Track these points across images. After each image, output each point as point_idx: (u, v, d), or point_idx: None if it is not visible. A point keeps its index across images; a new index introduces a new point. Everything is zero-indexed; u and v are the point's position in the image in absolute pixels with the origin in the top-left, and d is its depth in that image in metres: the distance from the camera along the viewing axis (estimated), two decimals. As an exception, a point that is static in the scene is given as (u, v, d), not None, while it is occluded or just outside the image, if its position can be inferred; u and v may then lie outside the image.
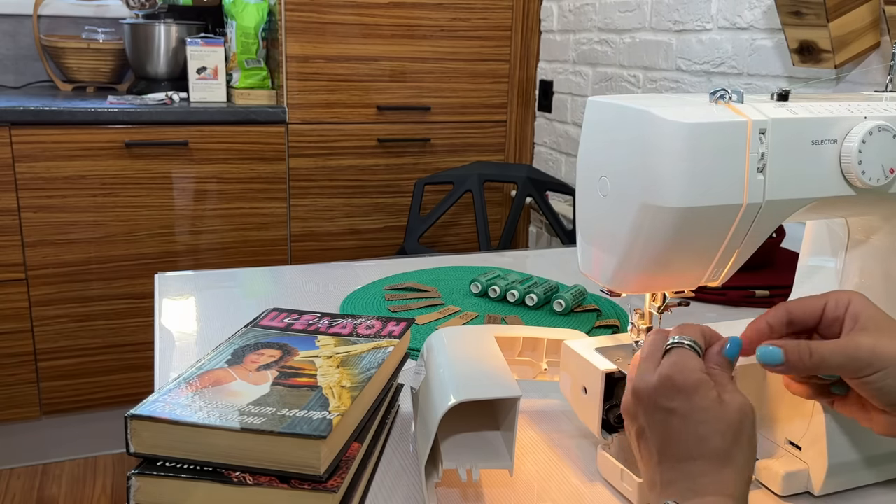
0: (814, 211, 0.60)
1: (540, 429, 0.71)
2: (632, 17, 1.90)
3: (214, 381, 0.58)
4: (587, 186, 0.61)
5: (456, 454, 0.59)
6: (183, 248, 2.07)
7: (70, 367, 2.04)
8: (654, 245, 0.56)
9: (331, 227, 2.22)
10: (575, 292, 0.99)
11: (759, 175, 0.56)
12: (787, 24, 1.27)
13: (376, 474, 0.63)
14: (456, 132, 2.31)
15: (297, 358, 0.63)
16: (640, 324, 0.65)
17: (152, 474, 0.52)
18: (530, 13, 2.31)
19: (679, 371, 0.50)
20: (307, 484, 0.51)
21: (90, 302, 2.02)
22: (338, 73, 2.14)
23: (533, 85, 2.38)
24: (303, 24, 2.07)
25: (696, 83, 1.69)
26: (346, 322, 0.72)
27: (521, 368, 0.75)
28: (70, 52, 2.27)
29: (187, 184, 2.03)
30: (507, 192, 2.41)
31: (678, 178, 0.54)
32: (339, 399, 0.56)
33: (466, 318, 0.96)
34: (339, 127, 2.17)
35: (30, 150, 1.88)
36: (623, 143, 0.57)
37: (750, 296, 1.06)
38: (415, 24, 2.18)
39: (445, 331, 0.68)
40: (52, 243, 1.95)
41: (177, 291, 1.04)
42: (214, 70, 2.13)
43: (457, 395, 0.55)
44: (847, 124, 0.58)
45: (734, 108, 0.56)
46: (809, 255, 0.71)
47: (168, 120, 1.97)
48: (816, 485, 0.61)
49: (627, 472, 0.60)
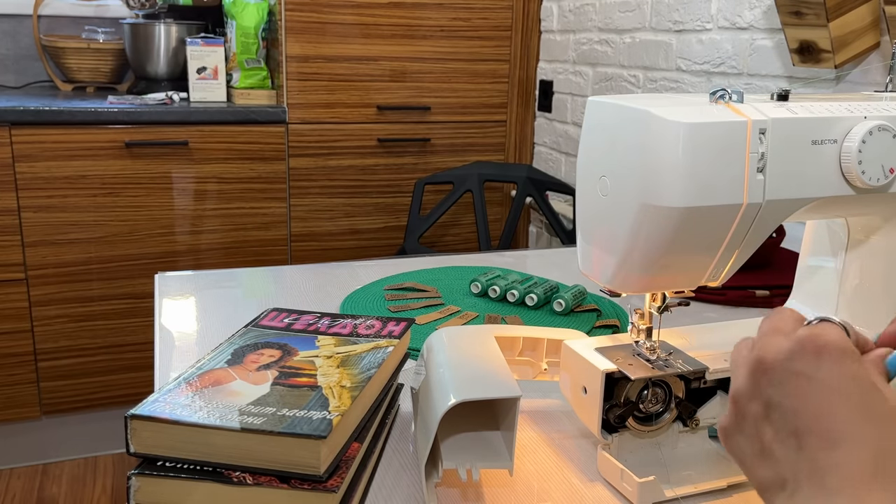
0: (814, 211, 0.60)
1: (540, 429, 0.71)
2: (632, 17, 1.90)
3: (214, 381, 0.58)
4: (587, 186, 0.61)
5: (456, 454, 0.59)
6: (183, 248, 2.07)
7: (70, 367, 2.04)
8: (654, 245, 0.56)
9: (331, 227, 2.22)
10: (575, 292, 0.99)
11: (759, 175, 0.56)
12: (787, 24, 1.27)
13: (376, 474, 0.63)
14: (456, 132, 2.31)
15: (297, 358, 0.63)
16: (640, 324, 0.65)
17: (152, 474, 0.52)
18: (530, 13, 2.31)
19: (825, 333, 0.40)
20: (307, 484, 0.51)
21: (90, 302, 2.02)
22: (338, 73, 2.14)
23: (533, 85, 2.38)
24: (303, 24, 2.07)
25: (696, 83, 1.69)
26: (346, 322, 0.72)
27: (521, 368, 0.75)
28: (70, 52, 2.28)
29: (187, 184, 2.03)
30: (507, 192, 2.41)
31: (678, 178, 0.54)
32: (339, 399, 0.56)
33: (466, 318, 0.96)
34: (339, 127, 2.17)
35: (30, 150, 1.88)
36: (623, 143, 0.57)
37: (750, 296, 1.06)
38: (415, 24, 2.18)
39: (445, 331, 0.68)
40: (52, 243, 1.95)
41: (177, 291, 1.04)
42: (214, 70, 2.13)
43: (457, 395, 0.55)
44: (847, 124, 0.58)
45: (734, 108, 0.56)
46: (809, 255, 0.71)
47: (168, 120, 1.97)
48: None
49: (627, 472, 0.60)
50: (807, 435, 0.38)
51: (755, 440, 0.41)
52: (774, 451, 0.40)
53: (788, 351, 0.40)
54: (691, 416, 0.64)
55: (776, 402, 0.40)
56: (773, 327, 0.43)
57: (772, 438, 0.40)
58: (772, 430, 0.40)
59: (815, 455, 0.38)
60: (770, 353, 0.41)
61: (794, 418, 0.39)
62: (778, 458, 0.39)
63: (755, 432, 0.41)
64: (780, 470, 0.39)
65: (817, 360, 0.39)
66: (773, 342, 0.41)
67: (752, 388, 0.41)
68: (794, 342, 0.40)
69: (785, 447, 0.39)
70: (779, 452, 0.39)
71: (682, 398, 0.63)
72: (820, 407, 0.38)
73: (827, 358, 0.39)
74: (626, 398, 0.61)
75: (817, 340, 0.39)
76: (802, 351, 0.39)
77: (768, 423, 0.40)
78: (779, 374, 0.40)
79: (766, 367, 0.40)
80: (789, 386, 0.39)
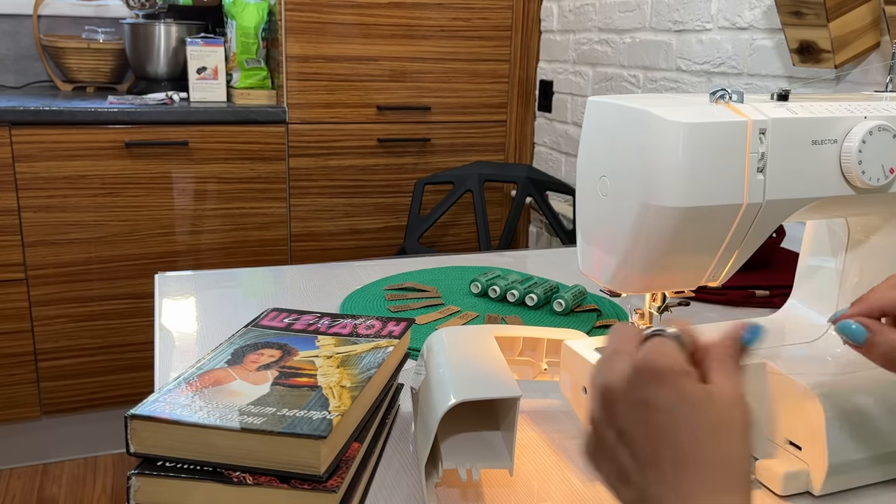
0: (814, 211, 0.60)
1: (540, 429, 0.71)
2: (632, 17, 1.90)
3: (214, 381, 0.58)
4: (587, 186, 0.61)
5: (456, 454, 0.59)
6: (183, 248, 2.07)
7: (70, 367, 2.04)
8: (654, 245, 0.56)
9: (331, 227, 2.22)
10: (575, 292, 0.99)
11: (759, 175, 0.56)
12: (787, 24, 1.27)
13: (376, 474, 0.63)
14: (456, 132, 2.31)
15: (297, 358, 0.63)
16: (640, 324, 0.65)
17: (152, 474, 0.52)
18: (530, 13, 2.31)
19: (659, 356, 0.42)
20: (307, 484, 0.51)
21: (90, 302, 2.02)
22: (338, 73, 2.14)
23: (533, 85, 2.38)
24: (303, 24, 2.07)
25: (696, 83, 1.69)
26: (346, 322, 0.72)
27: (521, 368, 0.75)
28: (70, 52, 2.28)
29: (187, 184, 2.03)
30: (507, 192, 2.41)
31: (678, 178, 0.54)
32: (339, 399, 0.56)
33: (466, 318, 0.96)
34: (339, 127, 2.17)
35: (30, 150, 1.88)
36: (623, 143, 0.57)
37: (750, 296, 1.06)
38: (415, 24, 2.18)
39: (445, 331, 0.68)
40: (52, 243, 1.95)
41: (177, 291, 1.04)
42: (214, 70, 2.13)
43: (457, 395, 0.55)
44: (847, 124, 0.58)
45: (734, 107, 0.56)
46: (809, 255, 0.71)
47: (168, 120, 1.97)
48: (816, 485, 0.61)
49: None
50: (656, 459, 0.40)
51: (614, 463, 0.43)
52: (630, 475, 0.42)
53: (629, 379, 0.42)
54: (691, 416, 0.64)
55: (625, 428, 0.42)
56: (614, 349, 0.45)
57: (628, 463, 0.42)
58: (627, 454, 0.42)
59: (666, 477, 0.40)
60: (613, 380, 0.43)
61: (643, 444, 0.41)
62: (635, 482, 0.41)
63: (613, 456, 0.43)
64: (640, 491, 0.41)
65: (654, 386, 0.41)
66: (616, 368, 0.43)
67: (605, 416, 0.43)
68: (632, 369, 0.42)
69: (640, 471, 0.41)
70: (634, 476, 0.41)
71: (682, 398, 0.63)
72: (663, 433, 0.40)
73: (662, 382, 0.41)
74: (626, 398, 0.61)
75: (651, 366, 0.41)
76: (640, 378, 0.41)
77: (623, 447, 0.42)
78: (624, 402, 0.42)
79: (613, 397, 0.43)
80: (634, 414, 0.41)
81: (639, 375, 0.41)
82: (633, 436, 0.41)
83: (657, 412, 0.41)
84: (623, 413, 0.42)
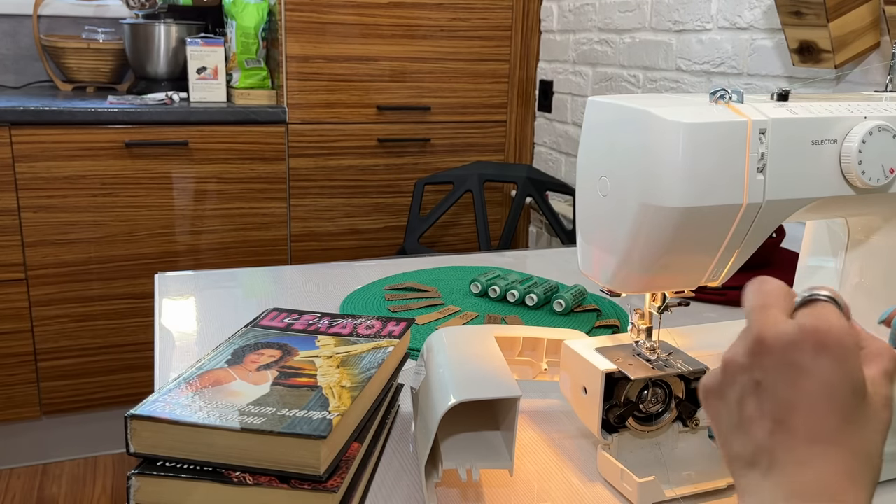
0: (814, 211, 0.60)
1: (540, 429, 0.71)
2: (632, 17, 1.90)
3: (214, 381, 0.58)
4: (587, 186, 0.61)
5: (456, 454, 0.59)
6: (183, 248, 2.07)
7: (70, 367, 2.04)
8: (654, 245, 0.56)
9: (331, 227, 2.22)
10: (575, 292, 0.99)
11: (759, 175, 0.56)
12: (787, 24, 1.27)
13: (376, 474, 0.63)
14: (456, 132, 2.31)
15: (297, 358, 0.63)
16: (640, 324, 0.65)
17: (152, 474, 0.52)
18: (530, 13, 2.31)
19: (828, 325, 0.39)
20: (307, 484, 0.51)
21: (90, 302, 2.02)
22: (338, 73, 2.14)
23: (533, 85, 2.38)
24: (303, 24, 2.07)
25: (696, 83, 1.69)
26: (346, 322, 0.72)
27: (521, 368, 0.75)
28: (70, 52, 2.28)
29: (187, 184, 2.03)
30: (507, 192, 2.41)
31: (678, 178, 0.54)
32: (339, 399, 0.56)
33: (466, 318, 0.96)
34: (339, 127, 2.17)
35: (30, 150, 1.88)
36: (623, 143, 0.57)
37: (750, 296, 1.05)
38: (415, 24, 2.18)
39: (445, 331, 0.68)
40: (52, 243, 1.95)
41: (177, 291, 1.04)
42: (214, 70, 2.13)
43: (457, 395, 0.55)
44: (847, 124, 0.58)
45: (734, 108, 0.56)
46: (809, 255, 0.71)
47: (168, 120, 1.97)
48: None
49: (627, 472, 0.60)
50: (789, 425, 0.38)
51: (735, 411, 0.41)
52: (753, 429, 0.40)
53: (790, 338, 0.39)
54: (691, 416, 0.64)
55: (767, 384, 0.39)
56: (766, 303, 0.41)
57: (753, 415, 0.40)
58: (755, 407, 0.40)
59: (793, 445, 0.38)
60: (770, 334, 0.40)
61: (780, 406, 0.39)
62: (755, 437, 0.39)
63: (737, 403, 0.41)
64: (755, 448, 0.39)
65: (816, 356, 0.38)
66: (775, 322, 0.40)
67: (747, 363, 0.40)
68: (796, 330, 0.39)
69: (764, 429, 0.39)
70: (757, 432, 0.39)
71: (682, 398, 0.63)
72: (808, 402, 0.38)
73: (826, 355, 0.38)
74: (626, 398, 0.61)
75: (819, 335, 0.38)
76: (803, 342, 0.38)
77: (754, 399, 0.40)
78: (776, 358, 0.39)
79: (765, 349, 0.40)
80: (784, 374, 0.39)
81: (803, 339, 0.39)
82: (774, 393, 0.39)
83: (811, 380, 0.38)
84: (771, 368, 0.39)
